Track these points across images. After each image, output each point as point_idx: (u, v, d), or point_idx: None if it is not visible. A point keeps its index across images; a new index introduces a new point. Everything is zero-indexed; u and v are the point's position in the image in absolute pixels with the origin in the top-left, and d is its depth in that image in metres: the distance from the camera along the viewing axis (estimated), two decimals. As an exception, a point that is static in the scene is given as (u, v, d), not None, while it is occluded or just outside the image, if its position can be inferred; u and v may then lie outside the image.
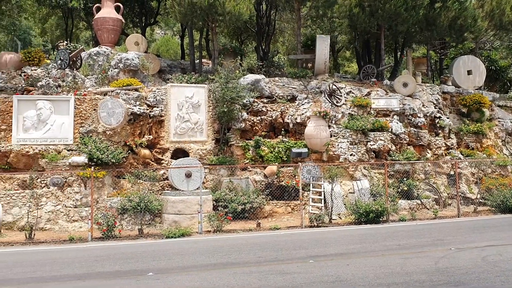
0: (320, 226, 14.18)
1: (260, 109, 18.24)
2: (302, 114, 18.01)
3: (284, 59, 24.87)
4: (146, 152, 16.70)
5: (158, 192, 15.55)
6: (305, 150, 17.22)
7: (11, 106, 15.80)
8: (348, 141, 17.67)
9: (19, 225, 14.13)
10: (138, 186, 15.28)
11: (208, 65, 23.86)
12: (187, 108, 17.23)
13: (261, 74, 19.93)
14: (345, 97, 18.86)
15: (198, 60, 22.79)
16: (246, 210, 15.03)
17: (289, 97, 19.04)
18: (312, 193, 16.02)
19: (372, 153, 17.93)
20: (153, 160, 16.97)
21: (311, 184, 16.23)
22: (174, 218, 14.27)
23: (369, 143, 17.84)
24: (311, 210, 15.44)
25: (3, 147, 15.43)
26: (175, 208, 14.39)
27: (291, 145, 17.49)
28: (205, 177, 16.08)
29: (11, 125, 15.67)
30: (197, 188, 14.81)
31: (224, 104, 16.96)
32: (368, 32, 22.05)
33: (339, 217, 15.61)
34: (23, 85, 17.64)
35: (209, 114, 17.49)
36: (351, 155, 17.49)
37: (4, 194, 14.41)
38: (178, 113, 17.16)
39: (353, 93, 19.24)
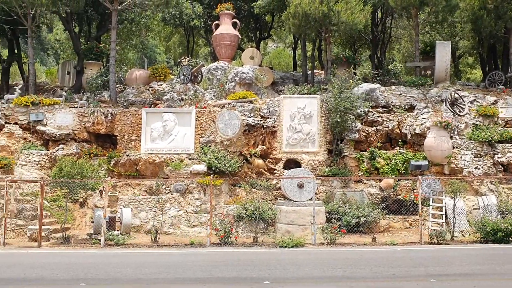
0: (441, 244, 13.28)
1: (375, 119, 17.72)
2: (421, 124, 17.11)
3: (400, 67, 23.94)
4: (259, 161, 17.11)
5: (271, 202, 15.80)
6: (425, 162, 16.32)
7: (140, 118, 17.28)
8: (472, 153, 16.41)
9: (145, 228, 15.29)
10: (253, 195, 15.68)
11: (321, 76, 23.85)
12: (299, 118, 17.35)
13: (376, 83, 19.41)
14: (468, 106, 17.56)
15: (310, 71, 22.89)
16: (360, 224, 14.62)
17: (406, 107, 18.25)
18: (432, 208, 15.09)
19: (500, 166, 16.44)
20: (266, 169, 17.33)
21: (431, 199, 15.30)
22: (287, 228, 14.37)
23: (496, 155, 16.40)
24: (431, 226, 14.54)
25: (133, 155, 16.88)
26: (288, 218, 14.50)
27: (409, 157, 16.70)
28: (317, 188, 16.00)
29: (140, 135, 17.13)
30: (310, 199, 14.76)
31: (337, 114, 16.76)
32: (494, 36, 20.41)
33: (462, 235, 14.50)
34: (151, 99, 19.18)
35: (321, 125, 17.41)
36: (475, 168, 16.21)
37: (133, 199, 15.73)
38: (290, 124, 17.34)
39: (477, 101, 17.87)
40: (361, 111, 17.45)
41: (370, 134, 17.65)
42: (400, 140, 17.70)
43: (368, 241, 13.52)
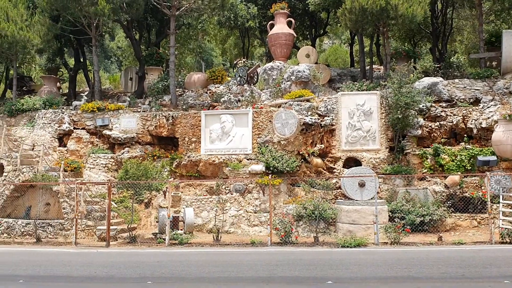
0: (514, 243, 12.59)
1: (438, 114, 17.05)
2: (488, 118, 16.28)
3: (463, 59, 22.91)
4: (318, 161, 16.97)
5: (331, 201, 15.63)
6: (493, 158, 15.51)
7: (200, 121, 17.67)
8: (547, 147, 15.39)
9: (207, 228, 15.62)
10: (312, 194, 15.59)
11: (379, 71, 23.28)
12: (358, 116, 17.03)
13: (438, 76, 18.68)
14: (541, 97, 16.51)
15: (368, 67, 22.42)
16: (425, 223, 14.14)
17: (471, 100, 17.43)
18: (503, 205, 14.30)
19: None
20: (325, 169, 17.15)
21: (501, 196, 14.50)
22: (349, 227, 14.16)
23: None
24: (502, 224, 13.77)
25: (194, 157, 17.29)
26: (349, 218, 14.28)
27: (476, 152, 15.92)
28: (379, 187, 15.64)
29: (200, 137, 17.51)
30: (371, 198, 14.46)
31: (398, 110, 16.29)
32: None
33: (538, 234, 13.63)
34: (209, 101, 19.56)
35: (381, 122, 17.00)
36: (551, 163, 15.21)
37: (195, 199, 16.12)
38: (349, 122, 17.06)
39: (551, 92, 16.76)
40: (423, 106, 16.87)
41: (434, 129, 17.01)
42: (465, 135, 16.91)
43: (433, 240, 13.05)
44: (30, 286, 8.34)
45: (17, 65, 23.13)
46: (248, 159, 16.91)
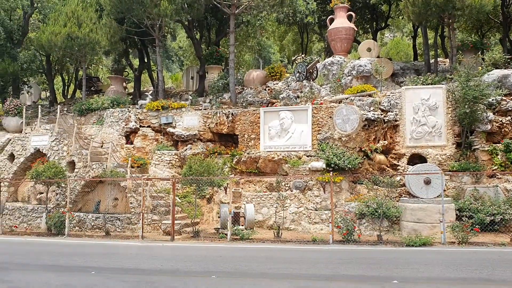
0: None
1: (509, 108, 16.12)
2: None
3: (538, 49, 21.53)
4: (381, 157, 16.57)
5: (395, 199, 15.21)
6: None
7: (259, 117, 17.77)
8: None
9: (267, 224, 15.71)
10: (375, 192, 15.23)
11: (445, 64, 22.34)
12: (423, 111, 16.46)
13: (509, 68, 17.65)
14: None
15: (433, 60, 21.57)
16: (495, 222, 13.45)
17: (548, 93, 16.37)
18: None
19: None
20: (388, 165, 16.72)
21: None
22: (413, 226, 13.72)
23: None
24: None
25: (253, 153, 17.42)
26: (414, 216, 13.83)
27: (553, 148, 14.95)
28: (445, 184, 15.03)
29: (259, 134, 17.62)
30: (438, 196, 13.93)
31: (466, 105, 15.58)
32: None
33: None
34: (268, 98, 19.63)
35: (448, 116, 16.32)
36: None
37: (255, 196, 16.25)
38: (414, 117, 16.53)
39: None
40: (492, 100, 16.02)
41: (504, 124, 16.12)
42: (541, 130, 15.93)
43: (506, 241, 12.38)
44: (101, 277, 8.74)
45: (86, 66, 24.33)
46: (307, 156, 16.81)
